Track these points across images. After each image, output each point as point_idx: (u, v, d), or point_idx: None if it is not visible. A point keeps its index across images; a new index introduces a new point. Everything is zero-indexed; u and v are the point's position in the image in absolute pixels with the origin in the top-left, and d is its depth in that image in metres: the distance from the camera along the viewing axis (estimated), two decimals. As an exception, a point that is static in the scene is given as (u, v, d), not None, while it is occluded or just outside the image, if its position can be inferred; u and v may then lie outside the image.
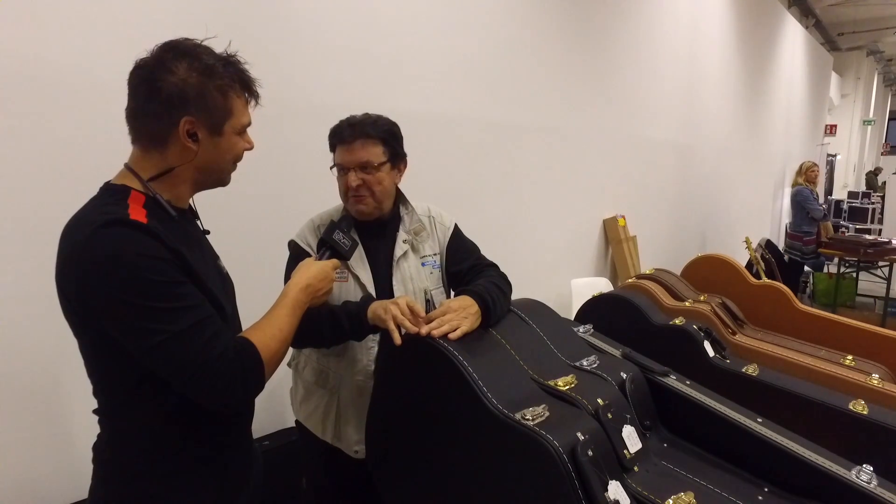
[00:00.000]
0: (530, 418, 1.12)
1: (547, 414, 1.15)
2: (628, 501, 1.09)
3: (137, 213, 0.95)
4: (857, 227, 8.13)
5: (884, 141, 19.64)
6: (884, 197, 9.70)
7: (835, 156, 11.81)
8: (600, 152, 4.16)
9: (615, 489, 1.07)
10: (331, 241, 1.33)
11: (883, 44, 13.16)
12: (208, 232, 1.17)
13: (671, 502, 1.12)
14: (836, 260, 5.93)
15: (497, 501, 1.16)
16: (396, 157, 1.51)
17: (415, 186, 1.71)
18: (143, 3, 1.79)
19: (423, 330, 1.26)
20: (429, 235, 1.60)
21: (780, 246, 6.52)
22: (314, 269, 1.21)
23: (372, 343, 1.50)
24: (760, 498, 1.23)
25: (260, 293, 1.33)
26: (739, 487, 1.25)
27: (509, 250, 3.14)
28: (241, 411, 1.17)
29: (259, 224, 2.11)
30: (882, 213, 9.22)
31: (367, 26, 2.44)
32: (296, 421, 1.68)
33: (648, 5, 4.53)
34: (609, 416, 1.22)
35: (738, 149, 6.82)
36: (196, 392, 0.97)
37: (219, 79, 1.00)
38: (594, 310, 2.18)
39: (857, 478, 1.23)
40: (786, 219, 7.36)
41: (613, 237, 4.29)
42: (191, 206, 1.12)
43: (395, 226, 1.57)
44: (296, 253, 1.52)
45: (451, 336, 1.26)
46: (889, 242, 5.72)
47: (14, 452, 1.65)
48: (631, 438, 1.25)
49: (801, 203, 5.59)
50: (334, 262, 1.29)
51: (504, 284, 1.52)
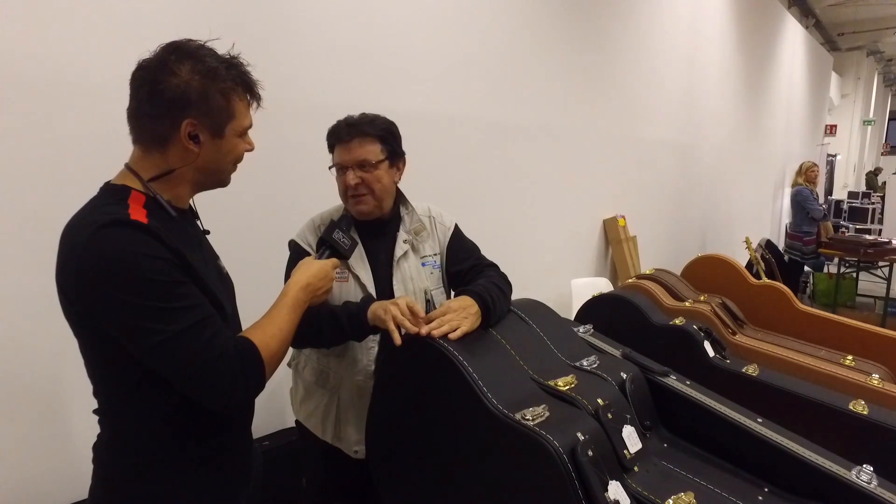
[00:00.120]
0: (530, 418, 1.12)
1: (547, 414, 1.15)
2: (628, 501, 1.09)
3: (138, 214, 0.95)
4: (857, 227, 8.13)
5: (884, 141, 19.64)
6: (884, 197, 9.69)
7: (835, 156, 11.81)
8: (600, 152, 4.16)
9: (615, 489, 1.07)
10: (330, 240, 1.33)
11: (883, 44, 13.17)
12: (208, 232, 1.17)
13: (671, 502, 1.12)
14: (836, 260, 5.93)
15: (497, 501, 1.16)
16: (395, 155, 1.51)
17: (415, 186, 1.70)
18: (144, 4, 1.79)
19: (424, 330, 1.26)
20: (429, 235, 1.60)
21: (780, 246, 6.52)
22: (314, 268, 1.21)
23: (372, 343, 1.50)
24: (760, 498, 1.23)
25: (260, 293, 1.33)
26: (739, 487, 1.25)
27: (509, 250, 3.14)
28: (241, 411, 1.17)
29: (259, 224, 2.11)
30: (882, 213, 9.21)
31: (367, 27, 2.44)
32: (296, 421, 1.68)
33: (648, 5, 4.53)
34: (609, 416, 1.22)
35: (738, 149, 6.82)
36: (196, 392, 0.98)
37: (221, 81, 1.00)
38: (594, 310, 2.18)
39: (858, 478, 1.23)
40: (786, 219, 7.36)
41: (613, 237, 4.29)
42: (191, 206, 1.12)
43: (396, 226, 1.57)
44: (296, 252, 1.52)
45: (452, 336, 1.26)
46: (889, 242, 5.71)
47: (14, 452, 1.65)
48: (631, 438, 1.25)
49: (801, 203, 5.60)
50: (334, 261, 1.29)
51: (504, 284, 1.52)
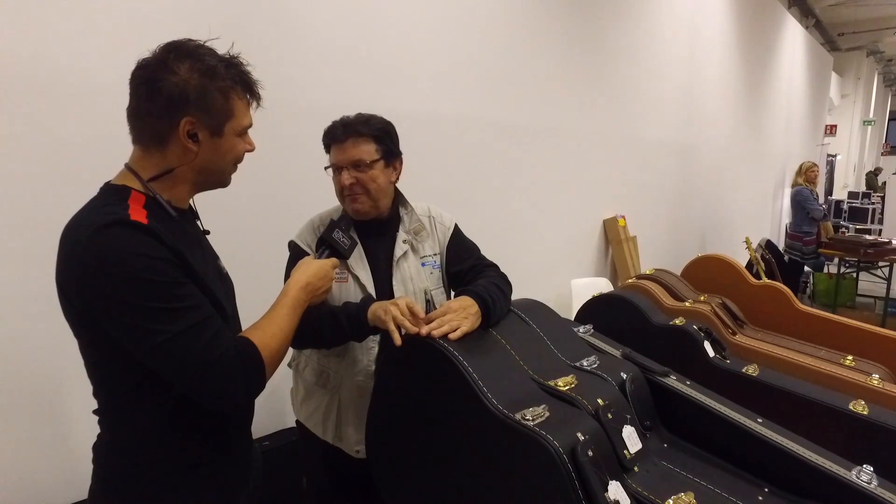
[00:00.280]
0: (530, 418, 1.12)
1: (547, 414, 1.15)
2: (628, 501, 1.09)
3: (138, 214, 0.95)
4: (857, 227, 8.13)
5: (884, 141, 19.64)
6: (884, 197, 9.69)
7: (835, 156, 11.81)
8: (600, 152, 4.16)
9: (615, 489, 1.07)
10: (330, 239, 1.33)
11: (883, 44, 13.16)
12: (208, 232, 1.17)
13: (671, 502, 1.12)
14: (836, 260, 5.93)
15: (497, 501, 1.16)
16: (390, 155, 1.51)
17: (415, 186, 1.70)
18: (144, 4, 1.79)
19: (424, 330, 1.26)
20: (428, 235, 1.60)
21: (780, 246, 6.52)
22: (314, 268, 1.21)
23: (372, 343, 1.50)
24: (760, 498, 1.23)
25: (260, 293, 1.33)
26: (739, 488, 1.25)
27: (509, 250, 3.14)
28: (241, 411, 1.17)
29: (259, 224, 2.11)
30: (882, 213, 9.21)
31: (367, 27, 2.44)
32: (296, 421, 1.68)
33: (648, 5, 4.54)
34: (609, 416, 1.22)
35: (738, 149, 6.82)
36: (197, 392, 0.98)
37: (220, 80, 1.00)
38: (594, 310, 2.18)
39: (858, 478, 1.23)
40: (786, 219, 7.37)
41: (613, 237, 4.29)
42: (191, 206, 1.12)
43: (395, 226, 1.57)
44: (296, 254, 1.52)
45: (452, 336, 1.26)
46: (889, 243, 5.72)
47: (14, 453, 1.65)
48: (631, 439, 1.25)
49: (801, 203, 5.60)
50: (333, 260, 1.29)
51: (504, 285, 1.52)
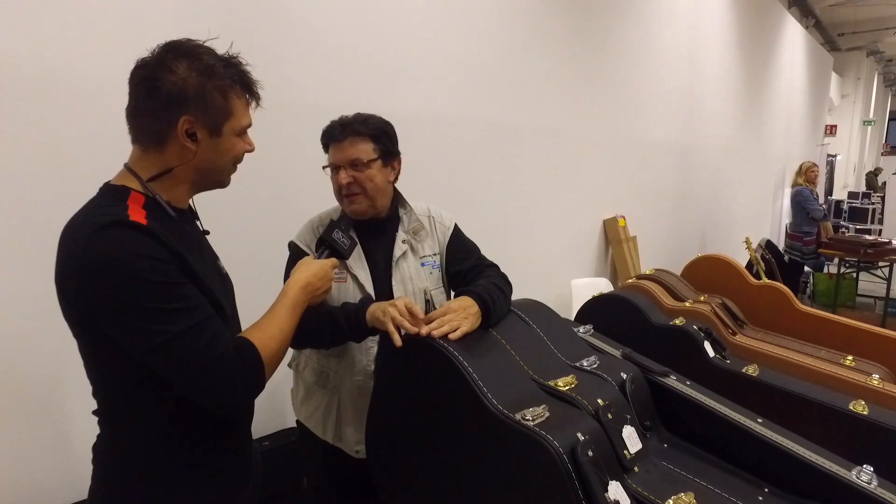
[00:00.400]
0: (530, 418, 1.12)
1: (547, 414, 1.15)
2: (628, 502, 1.09)
3: (137, 214, 0.94)
4: (858, 227, 8.13)
5: (884, 141, 19.63)
6: (884, 197, 9.71)
7: (835, 156, 11.80)
8: (600, 152, 4.16)
9: (615, 489, 1.07)
10: (330, 239, 1.33)
11: (883, 44, 13.16)
12: (208, 232, 1.16)
13: (671, 502, 1.12)
14: (836, 260, 5.93)
15: (497, 501, 1.16)
16: (388, 154, 1.51)
17: (415, 187, 1.70)
18: (144, 4, 1.79)
19: (424, 330, 1.26)
20: (428, 235, 1.60)
21: (780, 246, 6.51)
22: (313, 268, 1.21)
23: (371, 343, 1.50)
24: (760, 498, 1.23)
25: (259, 293, 1.33)
26: (739, 488, 1.25)
27: (509, 250, 3.14)
28: (241, 412, 1.17)
29: (259, 224, 2.11)
30: (882, 213, 9.22)
31: (367, 27, 2.44)
32: (296, 421, 1.68)
33: (648, 5, 4.54)
34: (609, 416, 1.22)
35: (738, 149, 6.82)
36: (197, 393, 0.97)
37: (219, 79, 1.00)
38: (594, 310, 2.18)
39: (858, 478, 1.23)
40: (786, 219, 7.36)
41: (613, 237, 4.29)
42: (190, 206, 1.12)
43: (394, 226, 1.57)
44: (295, 254, 1.53)
45: (452, 336, 1.27)
46: (889, 243, 5.72)
47: (14, 453, 1.65)
48: (631, 439, 1.25)
49: (801, 203, 5.60)
50: (333, 260, 1.29)
51: (504, 285, 1.52)
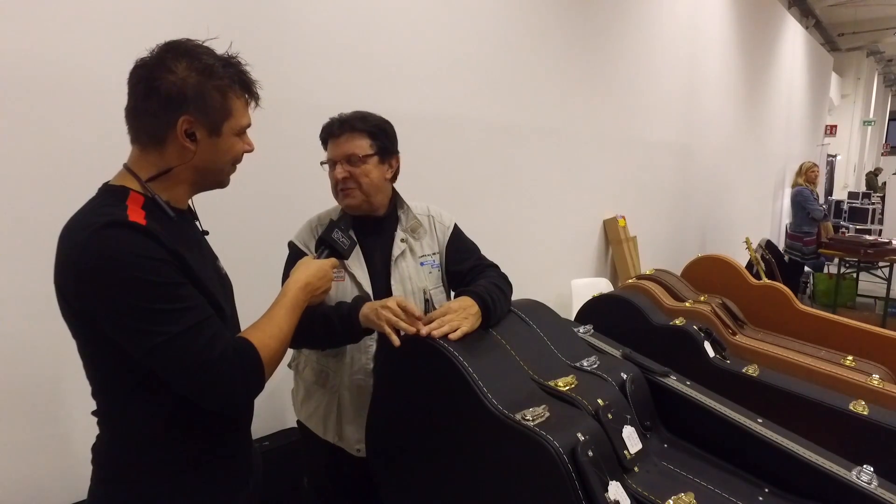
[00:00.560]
0: (530, 419, 1.12)
1: (547, 414, 1.14)
2: (628, 502, 1.09)
3: (136, 215, 0.94)
4: (858, 227, 8.13)
5: (884, 141, 19.64)
6: (884, 197, 9.70)
7: (835, 156, 11.80)
8: (600, 152, 4.16)
9: (615, 489, 1.07)
10: (329, 239, 1.33)
11: (883, 44, 13.16)
12: (207, 233, 1.16)
13: (671, 503, 1.12)
14: (836, 260, 5.93)
15: (497, 501, 1.16)
16: (385, 151, 1.51)
17: (415, 186, 1.70)
18: (143, 3, 1.79)
19: (424, 331, 1.26)
20: (426, 233, 1.60)
21: (781, 246, 6.51)
22: (313, 268, 1.21)
23: (370, 342, 1.50)
24: (760, 498, 1.23)
25: (259, 294, 1.33)
26: (739, 488, 1.25)
27: (509, 250, 3.14)
28: (241, 411, 1.16)
29: (258, 225, 2.11)
30: (882, 213, 9.22)
31: (367, 27, 2.44)
32: (297, 421, 1.68)
33: (648, 6, 4.53)
34: (609, 416, 1.22)
35: (738, 149, 6.82)
36: (196, 393, 0.97)
37: (218, 79, 1.00)
38: (594, 310, 2.18)
39: (858, 478, 1.23)
40: (786, 219, 7.36)
41: (613, 237, 4.29)
42: (190, 206, 1.12)
43: (393, 225, 1.57)
44: (294, 254, 1.53)
45: (452, 337, 1.26)
46: (889, 243, 5.71)
47: (14, 453, 1.65)
48: (631, 439, 1.25)
49: (801, 203, 5.60)
50: (333, 260, 1.29)
51: (504, 285, 1.52)
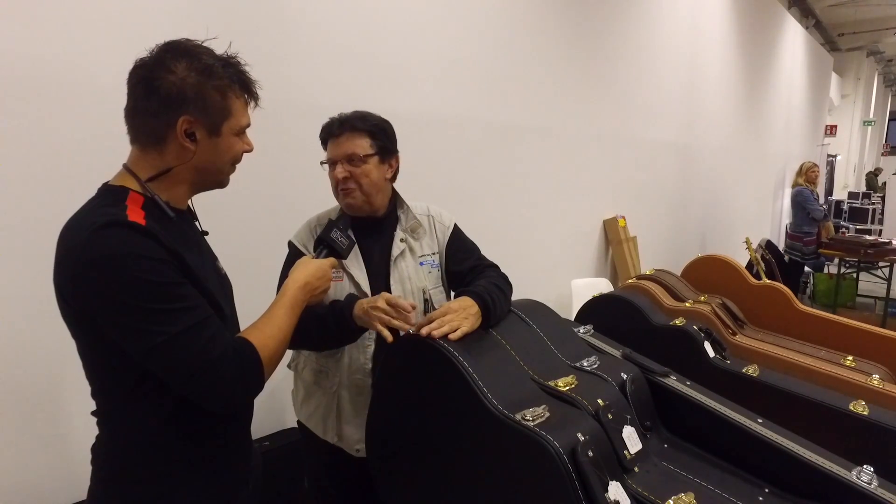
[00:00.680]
0: (530, 419, 1.12)
1: (547, 414, 1.14)
2: (628, 502, 1.08)
3: (135, 215, 0.94)
4: (858, 227, 8.13)
5: (884, 141, 19.64)
6: (884, 197, 9.72)
7: (835, 156, 11.80)
8: (600, 153, 4.16)
9: (615, 490, 1.07)
10: (328, 239, 1.33)
11: (883, 44, 13.17)
12: (207, 233, 1.16)
13: (671, 503, 1.12)
14: (836, 260, 5.92)
15: (497, 501, 1.16)
16: (385, 151, 1.51)
17: (415, 186, 1.70)
18: (143, 3, 1.79)
19: (424, 330, 1.26)
20: (425, 233, 1.60)
21: (781, 246, 6.51)
22: (312, 267, 1.21)
23: (369, 342, 1.50)
24: (761, 499, 1.23)
25: (259, 294, 1.33)
26: (740, 488, 1.25)
27: (510, 250, 3.14)
28: (241, 412, 1.16)
29: (258, 225, 2.11)
30: (882, 213, 9.22)
31: (367, 27, 2.44)
32: (297, 422, 1.68)
33: (649, 6, 4.54)
34: (609, 416, 1.22)
35: (739, 149, 6.82)
36: (196, 393, 0.97)
37: (218, 79, 1.00)
38: (594, 310, 2.18)
39: (858, 478, 1.22)
40: (786, 219, 7.36)
41: (614, 238, 4.29)
42: (189, 206, 1.12)
43: (392, 225, 1.57)
44: (293, 254, 1.53)
45: (452, 337, 1.26)
46: (889, 243, 5.71)
47: (13, 453, 1.65)
48: (631, 439, 1.24)
49: (801, 203, 5.60)
50: (332, 260, 1.29)
51: (504, 285, 1.52)
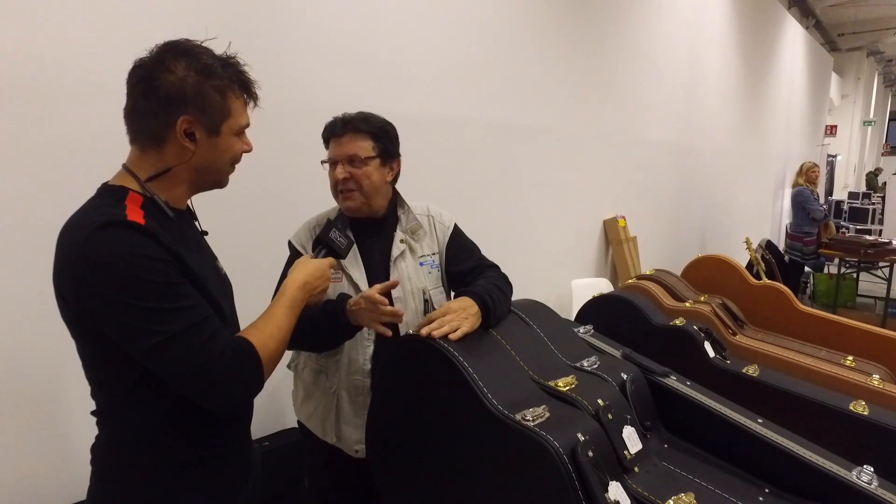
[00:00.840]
0: (531, 419, 1.12)
1: (547, 415, 1.14)
2: (629, 502, 1.08)
3: (135, 214, 0.94)
4: (858, 227, 8.13)
5: (884, 141, 19.64)
6: (884, 197, 9.72)
7: (835, 156, 11.80)
8: (601, 153, 4.16)
9: (615, 490, 1.07)
10: (327, 239, 1.33)
11: (883, 44, 13.16)
12: (206, 233, 1.16)
13: (672, 503, 1.11)
14: (836, 260, 5.92)
15: (497, 502, 1.16)
16: (387, 154, 1.51)
17: (416, 187, 1.70)
18: (143, 3, 1.79)
19: (424, 331, 1.27)
20: (426, 234, 1.60)
21: (781, 246, 6.51)
22: (311, 267, 1.21)
23: (368, 342, 1.50)
24: (761, 499, 1.23)
25: (259, 294, 1.33)
26: (740, 488, 1.24)
27: (510, 251, 3.14)
28: (241, 411, 1.16)
29: (258, 225, 2.11)
30: (882, 213, 9.22)
31: (367, 27, 2.44)
32: (297, 422, 1.68)
33: (649, 6, 4.54)
34: (609, 416, 1.22)
35: (739, 149, 6.82)
36: (195, 393, 0.97)
37: (217, 79, 1.00)
38: (594, 310, 2.18)
39: (858, 478, 1.22)
40: (786, 219, 7.36)
41: (614, 238, 4.29)
42: (189, 206, 1.12)
43: (392, 225, 1.57)
44: (292, 253, 1.53)
45: (452, 337, 1.26)
46: (889, 243, 5.71)
47: (13, 453, 1.64)
48: (631, 439, 1.24)
49: (801, 204, 5.60)
50: (331, 260, 1.29)
51: (505, 285, 1.52)
